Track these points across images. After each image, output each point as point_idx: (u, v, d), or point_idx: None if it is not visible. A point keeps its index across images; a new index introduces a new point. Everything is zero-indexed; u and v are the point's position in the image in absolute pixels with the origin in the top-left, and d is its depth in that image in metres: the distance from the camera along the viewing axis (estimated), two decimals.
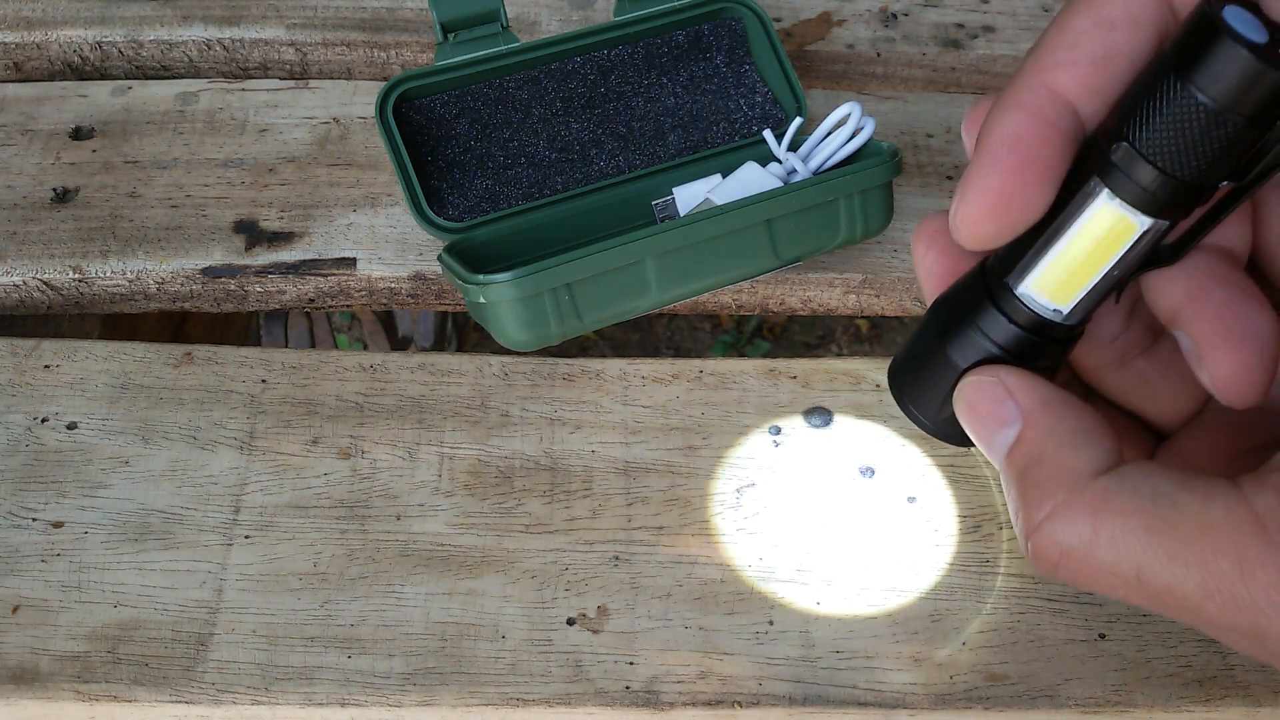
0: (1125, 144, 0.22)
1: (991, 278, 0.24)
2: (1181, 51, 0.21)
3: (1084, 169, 0.23)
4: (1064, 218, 0.23)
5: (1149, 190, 0.22)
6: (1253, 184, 0.22)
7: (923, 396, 0.26)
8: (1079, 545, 0.21)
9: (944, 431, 0.27)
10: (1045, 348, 0.25)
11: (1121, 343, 0.26)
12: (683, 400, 0.45)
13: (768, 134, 0.50)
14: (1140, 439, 0.27)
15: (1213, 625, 0.20)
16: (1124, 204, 0.22)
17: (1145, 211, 0.22)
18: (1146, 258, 0.23)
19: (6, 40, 0.57)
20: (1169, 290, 0.23)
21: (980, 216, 0.23)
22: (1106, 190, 0.22)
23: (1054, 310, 0.24)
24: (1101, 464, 0.22)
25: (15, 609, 0.39)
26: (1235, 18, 0.20)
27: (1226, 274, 0.23)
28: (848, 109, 0.47)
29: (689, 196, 0.49)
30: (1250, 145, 0.21)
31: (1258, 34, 0.20)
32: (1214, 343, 0.22)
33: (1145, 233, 0.22)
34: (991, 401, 0.24)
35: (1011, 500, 0.23)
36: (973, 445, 0.26)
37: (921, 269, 0.26)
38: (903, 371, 0.27)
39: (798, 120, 0.49)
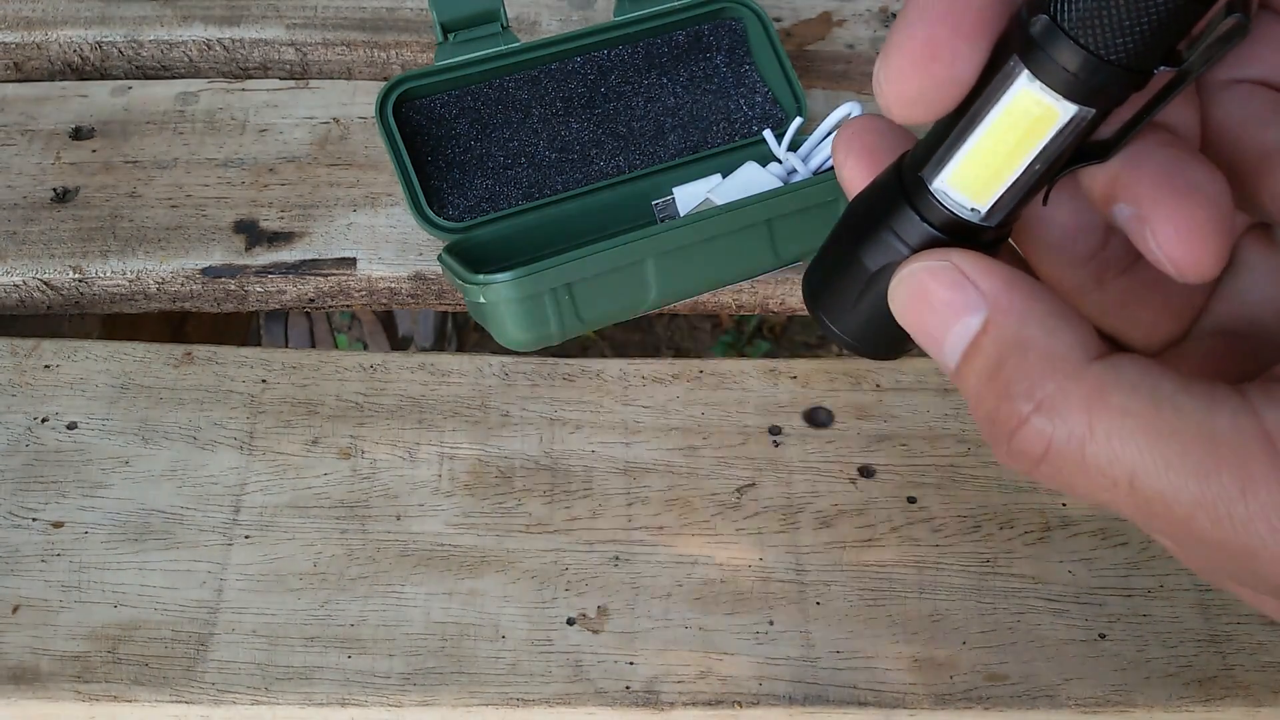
0: (1046, 17, 0.19)
1: (907, 172, 0.22)
2: None
3: (1007, 45, 0.20)
4: (982, 101, 0.20)
5: (1073, 73, 0.19)
6: (1195, 69, 0.19)
7: (835, 304, 0.23)
8: (1069, 442, 0.19)
9: (859, 341, 0.24)
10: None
11: (1099, 261, 0.24)
12: (683, 400, 0.45)
13: (768, 134, 0.50)
14: None
15: (1199, 541, 0.19)
16: (1045, 88, 0.19)
17: (1069, 97, 0.19)
18: (1074, 151, 0.20)
19: (6, 40, 0.57)
20: (1105, 166, 0.20)
21: (905, 70, 0.20)
22: (1026, 71, 0.19)
23: (971, 209, 0.21)
24: (1091, 350, 0.19)
25: (15, 609, 0.39)
26: None
27: (1169, 139, 0.21)
28: (848, 109, 0.47)
29: (689, 196, 0.49)
30: (1191, 23, 0.18)
31: None
32: (1157, 199, 0.19)
33: (1070, 121, 0.20)
34: (946, 288, 0.20)
35: (982, 398, 0.20)
36: (894, 355, 0.24)
37: (843, 174, 0.23)
38: (816, 277, 0.24)
39: (798, 120, 0.49)
